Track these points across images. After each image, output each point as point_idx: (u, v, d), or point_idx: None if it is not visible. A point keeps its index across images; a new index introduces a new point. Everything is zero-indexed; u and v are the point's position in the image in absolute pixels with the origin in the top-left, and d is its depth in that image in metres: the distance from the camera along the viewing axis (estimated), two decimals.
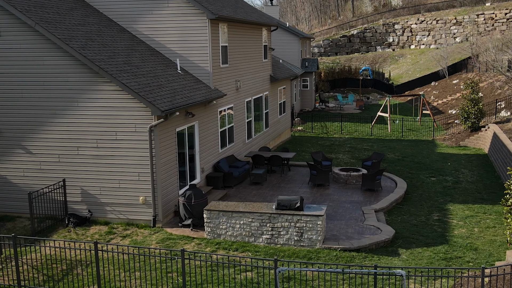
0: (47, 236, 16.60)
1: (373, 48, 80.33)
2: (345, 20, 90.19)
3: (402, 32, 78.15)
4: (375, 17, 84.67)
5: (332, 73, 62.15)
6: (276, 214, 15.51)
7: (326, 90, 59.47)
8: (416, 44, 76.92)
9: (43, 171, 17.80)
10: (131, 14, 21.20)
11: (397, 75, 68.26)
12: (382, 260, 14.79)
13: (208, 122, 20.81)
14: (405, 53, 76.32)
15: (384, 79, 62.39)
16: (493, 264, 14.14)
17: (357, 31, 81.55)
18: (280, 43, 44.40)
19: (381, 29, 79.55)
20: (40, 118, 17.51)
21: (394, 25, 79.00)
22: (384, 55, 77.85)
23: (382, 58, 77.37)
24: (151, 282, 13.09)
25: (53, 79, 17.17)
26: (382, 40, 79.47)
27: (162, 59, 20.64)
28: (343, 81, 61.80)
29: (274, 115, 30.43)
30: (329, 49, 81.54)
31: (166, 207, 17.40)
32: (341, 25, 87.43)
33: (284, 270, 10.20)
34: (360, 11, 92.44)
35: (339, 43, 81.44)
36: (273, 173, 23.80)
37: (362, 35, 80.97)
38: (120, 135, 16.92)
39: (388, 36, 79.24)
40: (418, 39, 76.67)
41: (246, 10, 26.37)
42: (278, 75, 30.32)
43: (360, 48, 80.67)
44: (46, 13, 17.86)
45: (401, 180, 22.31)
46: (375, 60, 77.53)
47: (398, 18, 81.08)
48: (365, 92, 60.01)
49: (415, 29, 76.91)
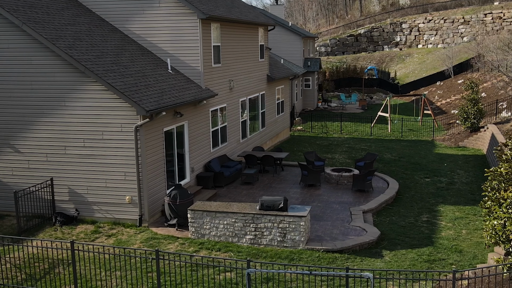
0: (33, 234, 16.70)
1: (380, 48, 79.95)
2: (353, 19, 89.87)
3: (410, 31, 77.68)
4: (383, 16, 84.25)
5: (337, 72, 61.92)
6: (259, 214, 15.48)
7: (330, 90, 59.31)
8: (423, 44, 76.45)
9: (32, 170, 17.90)
10: (123, 13, 21.25)
11: (404, 75, 67.88)
12: (364, 261, 14.70)
13: (199, 122, 20.81)
14: (412, 52, 75.86)
15: (390, 79, 62.06)
16: (475, 266, 14.00)
17: (364, 30, 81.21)
18: (282, 42, 44.34)
19: (388, 28, 79.14)
20: (28, 117, 17.61)
21: (402, 24, 78.56)
22: (391, 54, 77.44)
23: (389, 58, 76.98)
24: (131, 282, 13.13)
25: (40, 79, 17.25)
26: (389, 40, 79.07)
27: (153, 58, 20.67)
28: (348, 81, 61.58)
29: (271, 115, 30.38)
30: (336, 48, 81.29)
31: (152, 206, 17.43)
32: (348, 24, 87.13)
33: (252, 272, 10.15)
34: (368, 10, 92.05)
35: (346, 42, 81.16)
36: (266, 173, 23.75)
37: (369, 34, 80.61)
38: (106, 135, 16.97)
39: (395, 35, 78.80)
40: (425, 39, 76.19)
41: (242, 10, 26.33)
42: (276, 75, 30.25)
43: (367, 47, 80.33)
44: (35, 13, 17.95)
45: (394, 180, 22.17)
46: (382, 59, 77.16)
47: (405, 17, 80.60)
48: (370, 92, 59.75)
49: (422, 28, 76.42)
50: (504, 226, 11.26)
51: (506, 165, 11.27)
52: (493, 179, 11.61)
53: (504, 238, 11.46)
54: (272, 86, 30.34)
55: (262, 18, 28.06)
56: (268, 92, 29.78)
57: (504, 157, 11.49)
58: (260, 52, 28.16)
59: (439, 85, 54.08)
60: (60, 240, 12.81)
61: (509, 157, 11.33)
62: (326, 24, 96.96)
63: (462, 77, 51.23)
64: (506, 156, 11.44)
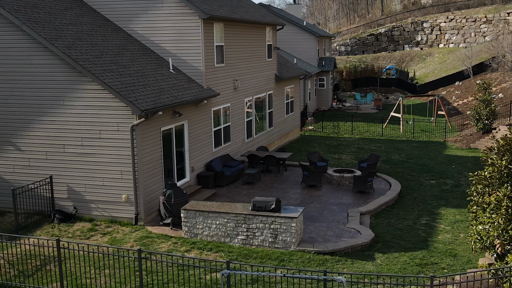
0: (31, 231, 16.96)
1: (400, 47, 79.07)
2: (374, 19, 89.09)
3: (431, 30, 76.68)
4: (404, 15, 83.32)
5: (354, 72, 61.45)
6: (250, 215, 15.46)
7: (348, 89, 58.89)
8: (444, 43, 75.37)
9: (32, 167, 18.18)
10: (127, 13, 21.43)
11: (423, 74, 67.03)
12: (355, 264, 14.57)
13: (199, 122, 20.86)
14: (433, 52, 74.86)
15: (408, 79, 61.37)
16: (467, 271, 13.75)
17: (385, 29, 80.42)
18: (296, 41, 44.20)
19: (409, 27, 78.23)
20: (28, 116, 17.89)
21: (423, 23, 77.59)
22: (412, 54, 76.53)
23: (409, 57, 76.09)
24: (120, 280, 13.25)
25: (40, 78, 17.51)
26: (410, 39, 78.15)
27: (155, 58, 20.80)
28: (366, 80, 61.07)
29: (279, 115, 30.30)
30: (356, 47, 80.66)
31: (149, 205, 17.55)
32: (369, 23, 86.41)
33: (226, 273, 10.14)
34: (389, 9, 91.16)
35: (366, 42, 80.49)
36: (269, 173, 23.71)
37: (390, 34, 79.79)
38: (103, 134, 17.14)
39: (416, 34, 77.85)
40: (447, 38, 75.11)
41: (248, 10, 26.31)
42: (285, 74, 30.16)
43: (387, 46, 79.53)
44: (36, 13, 18.21)
45: (396, 182, 21.91)
46: (402, 59, 76.33)
47: (427, 16, 79.57)
48: (388, 92, 59.16)
49: (444, 28, 75.36)
50: (489, 231, 11.04)
51: (491, 168, 11.04)
52: (478, 183, 11.38)
53: (489, 244, 11.24)
54: (280, 85, 30.25)
55: (270, 18, 27.99)
56: (277, 91, 29.70)
57: (489, 161, 11.25)
58: (268, 51, 28.10)
59: (457, 85, 53.27)
60: (46, 238, 12.97)
61: (494, 161, 11.10)
62: (347, 23, 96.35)
63: (481, 77, 50.32)
64: (492, 160, 11.20)
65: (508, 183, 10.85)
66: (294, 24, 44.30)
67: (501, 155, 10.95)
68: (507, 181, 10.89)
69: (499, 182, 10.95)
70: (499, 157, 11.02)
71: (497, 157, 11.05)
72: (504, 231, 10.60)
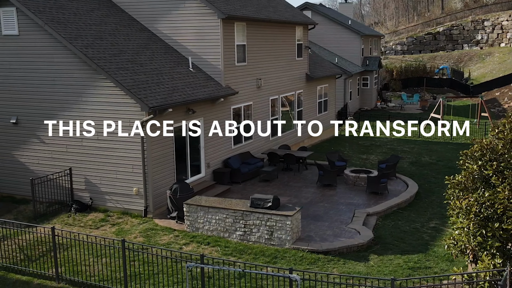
0: (48, 219, 18.03)
1: (459, 46, 76.70)
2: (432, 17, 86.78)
3: (492, 29, 73.93)
4: (464, 14, 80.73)
5: (405, 71, 60.24)
6: (248, 212, 15.79)
7: (397, 89, 57.84)
8: (506, 42, 72.45)
9: (54, 159, 19.28)
10: (152, 13, 22.23)
11: (481, 75, 64.77)
12: (347, 264, 14.61)
13: (216, 119, 21.35)
14: (493, 51, 72.10)
15: (463, 79, 59.52)
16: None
17: (444, 28, 78.23)
18: (340, 40, 43.99)
19: (469, 26, 75.72)
20: (51, 111, 18.98)
21: (484, 22, 74.89)
22: (471, 53, 74.05)
23: (468, 57, 73.67)
24: (114, 269, 13.96)
25: (61, 75, 18.54)
26: (469, 38, 75.67)
27: (176, 57, 21.47)
28: (417, 80, 59.73)
29: (310, 114, 30.35)
30: (413, 47, 78.93)
31: (158, 199, 18.21)
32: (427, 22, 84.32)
33: (191, 266, 10.54)
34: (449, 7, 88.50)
35: (423, 41, 78.60)
36: (289, 171, 23.90)
37: (449, 33, 77.57)
38: (117, 129, 17.93)
39: (476, 33, 75.28)
40: (509, 37, 72.17)
41: (277, 9, 26.55)
42: (317, 73, 30.19)
43: (445, 46, 77.35)
44: (61, 14, 19.26)
45: (414, 184, 21.57)
46: (460, 58, 74.01)
47: (488, 14, 76.74)
48: (440, 92, 57.63)
49: (506, 26, 72.45)
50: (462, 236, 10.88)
51: (464, 173, 10.86)
52: (453, 188, 11.20)
53: (463, 248, 11.08)
54: (312, 84, 30.29)
55: (300, 17, 28.10)
56: (307, 90, 29.78)
57: (464, 165, 11.06)
58: (298, 51, 28.23)
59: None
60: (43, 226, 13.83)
61: (468, 165, 10.90)
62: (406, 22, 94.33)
63: None
64: (469, 163, 11.00)
65: (481, 189, 10.65)
66: (338, 23, 44.05)
67: (475, 160, 10.76)
68: (481, 186, 10.69)
69: (473, 187, 10.77)
70: (473, 162, 10.82)
71: (470, 162, 10.86)
72: (473, 237, 10.44)
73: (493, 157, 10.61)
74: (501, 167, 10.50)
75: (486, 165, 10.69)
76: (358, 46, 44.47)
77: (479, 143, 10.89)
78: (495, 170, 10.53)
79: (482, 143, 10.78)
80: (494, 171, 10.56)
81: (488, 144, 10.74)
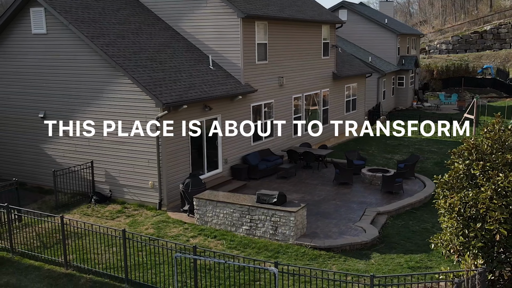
0: (69, 209, 18.93)
1: (507, 45, 74.54)
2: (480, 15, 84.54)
3: None
4: None
5: (446, 71, 59.05)
6: (253, 207, 16.16)
7: (438, 89, 56.80)
8: None
9: (78, 152, 20.19)
10: (176, 12, 22.88)
11: None
12: (347, 261, 14.77)
13: (235, 116, 21.78)
14: None
15: (507, 79, 57.86)
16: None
17: (491, 26, 76.18)
18: (375, 39, 43.70)
19: None
20: (75, 106, 19.89)
21: None
22: None
23: None
24: (120, 258, 14.60)
25: (84, 72, 19.40)
26: None
27: (197, 55, 22.03)
28: (459, 80, 58.45)
29: (337, 112, 30.38)
30: (458, 45, 77.20)
31: (172, 192, 18.81)
32: (474, 20, 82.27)
33: (179, 256, 11.00)
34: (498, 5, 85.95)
35: (469, 40, 76.76)
36: (309, 168, 24.09)
37: (496, 31, 75.49)
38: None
39: None
40: None
41: (303, 8, 26.74)
42: (344, 72, 30.19)
43: (492, 45, 75.29)
44: (86, 13, 20.12)
45: (432, 184, 21.37)
46: (508, 58, 71.88)
47: None
48: (482, 92, 56.22)
49: None
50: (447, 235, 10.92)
51: (450, 172, 10.87)
52: (439, 187, 11.21)
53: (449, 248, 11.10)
54: (339, 83, 30.31)
55: (326, 16, 28.18)
56: (334, 89, 29.82)
57: (453, 165, 11.06)
58: (324, 49, 28.32)
59: None
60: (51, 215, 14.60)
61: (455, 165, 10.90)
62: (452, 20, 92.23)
63: None
64: (457, 163, 11.00)
65: (467, 188, 10.66)
66: (374, 22, 43.73)
67: (462, 159, 10.76)
68: (467, 185, 10.69)
69: (460, 187, 10.77)
70: (461, 161, 10.82)
71: (458, 161, 10.87)
72: (456, 237, 10.47)
73: (480, 156, 10.60)
74: (487, 167, 10.48)
75: (473, 165, 10.69)
76: (393, 45, 44.01)
77: (466, 142, 10.88)
78: (481, 169, 10.52)
79: (469, 142, 10.78)
80: (481, 170, 10.55)
81: (475, 144, 10.72)
